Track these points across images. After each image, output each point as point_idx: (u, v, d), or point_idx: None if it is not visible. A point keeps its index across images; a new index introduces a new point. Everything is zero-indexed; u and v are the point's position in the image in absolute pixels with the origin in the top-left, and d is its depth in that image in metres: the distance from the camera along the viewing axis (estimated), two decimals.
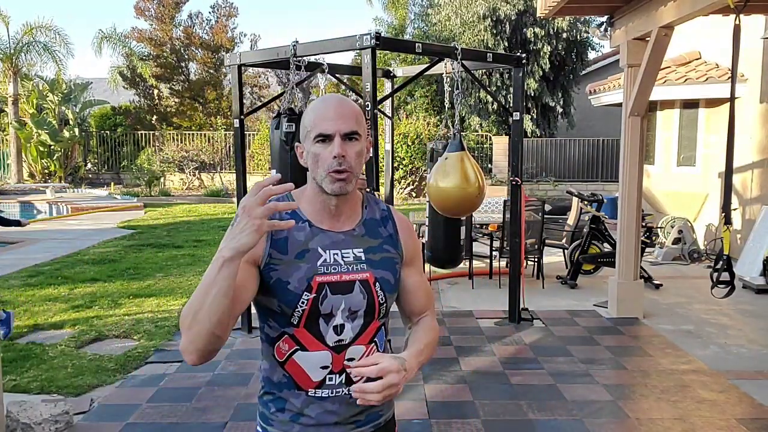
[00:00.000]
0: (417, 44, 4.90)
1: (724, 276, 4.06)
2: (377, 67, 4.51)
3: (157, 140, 20.52)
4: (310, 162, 1.52)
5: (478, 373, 4.55)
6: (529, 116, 17.21)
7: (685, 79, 9.04)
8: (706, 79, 8.87)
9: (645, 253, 7.58)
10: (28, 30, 19.15)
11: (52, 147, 19.51)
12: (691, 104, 9.45)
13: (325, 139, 1.49)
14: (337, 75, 6.38)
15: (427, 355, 1.59)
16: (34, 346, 5.14)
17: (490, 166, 17.16)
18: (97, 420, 3.83)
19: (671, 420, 3.80)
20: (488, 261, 7.43)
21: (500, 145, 16.84)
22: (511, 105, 5.91)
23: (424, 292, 1.70)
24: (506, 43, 16.66)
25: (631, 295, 5.97)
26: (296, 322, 1.50)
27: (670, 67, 9.28)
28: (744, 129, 8.32)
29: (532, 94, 16.97)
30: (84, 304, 6.38)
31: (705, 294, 6.45)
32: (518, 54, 5.68)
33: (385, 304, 1.57)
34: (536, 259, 7.37)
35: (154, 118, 22.10)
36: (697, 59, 9.59)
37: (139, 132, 20.99)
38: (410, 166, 16.81)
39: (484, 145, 17.61)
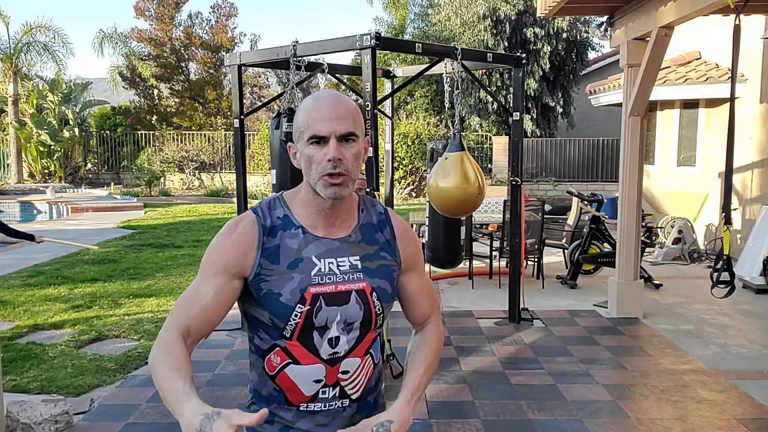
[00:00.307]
0: (417, 44, 4.90)
1: (724, 276, 4.07)
2: (377, 67, 4.51)
3: (157, 140, 20.52)
4: (304, 164, 1.43)
5: (478, 373, 4.55)
6: (529, 116, 17.21)
7: (685, 79, 9.04)
8: (706, 79, 8.87)
9: (645, 253, 7.58)
10: (27, 30, 19.14)
11: (52, 147, 19.51)
12: (691, 104, 9.45)
13: (320, 140, 1.39)
14: (337, 75, 6.38)
15: (427, 382, 1.55)
16: (34, 346, 5.14)
17: (490, 166, 17.16)
18: (97, 420, 3.83)
19: (671, 420, 3.80)
20: (488, 261, 7.43)
21: (500, 145, 16.84)
22: (511, 105, 5.91)
23: (427, 298, 1.63)
24: (506, 43, 16.66)
25: (631, 295, 5.97)
26: (289, 335, 1.42)
27: (670, 67, 9.28)
28: (744, 129, 8.31)
29: (532, 94, 16.97)
30: (84, 304, 6.38)
31: (705, 294, 6.45)
32: (518, 54, 5.68)
33: (382, 315, 1.50)
34: (536, 259, 7.37)
35: (154, 118, 22.10)
36: (697, 59, 9.59)
37: (139, 132, 20.98)
38: (410, 166, 16.81)
39: (484, 145, 17.61)
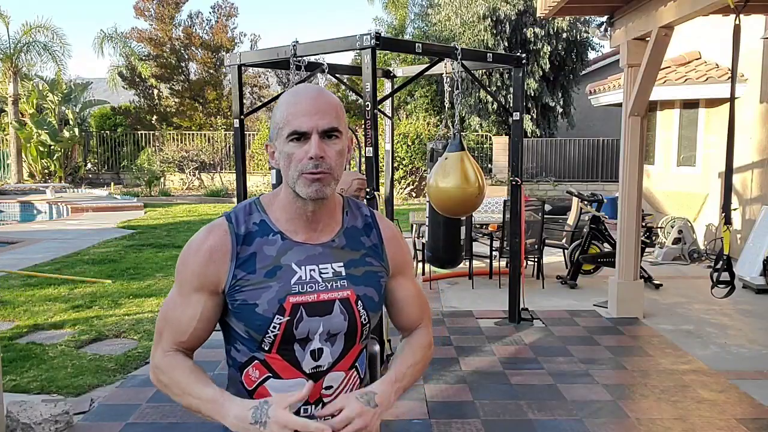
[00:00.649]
0: (417, 44, 4.90)
1: (724, 276, 4.07)
2: (377, 67, 4.51)
3: (157, 140, 20.52)
4: (283, 163, 1.33)
5: (478, 373, 4.55)
6: (529, 116, 17.21)
7: (685, 79, 9.04)
8: (706, 79, 8.87)
9: (645, 253, 7.58)
10: (27, 30, 19.15)
11: (52, 147, 19.51)
12: (691, 104, 9.45)
13: (300, 137, 1.30)
14: (337, 75, 6.38)
15: (412, 378, 1.44)
16: (34, 346, 5.14)
17: (490, 166, 17.16)
18: (97, 420, 3.83)
19: (671, 420, 3.80)
20: (488, 261, 7.43)
21: (500, 145, 16.84)
22: (511, 105, 5.91)
23: (417, 304, 1.53)
24: (506, 43, 16.66)
25: (631, 295, 5.97)
26: (267, 348, 1.33)
27: (670, 67, 9.28)
28: (744, 129, 8.31)
29: (532, 94, 16.97)
30: (84, 304, 6.38)
31: (705, 294, 6.45)
32: (518, 54, 5.68)
33: (368, 325, 1.41)
34: (536, 259, 7.37)
35: (154, 118, 22.10)
36: (697, 59, 9.59)
37: (139, 132, 20.98)
38: (410, 166, 16.81)
39: (484, 145, 17.61)
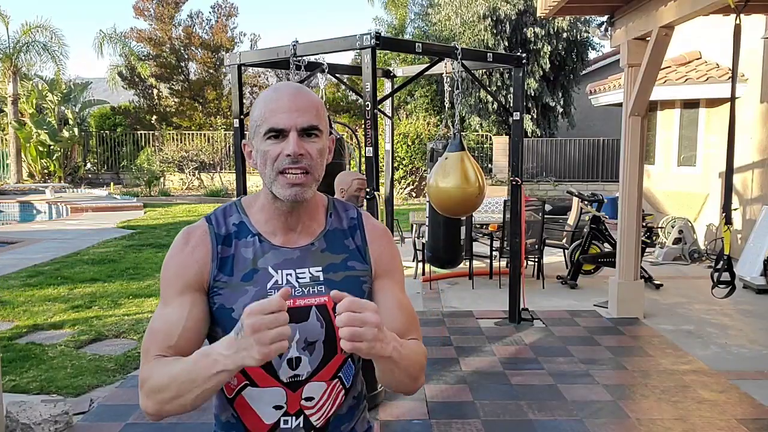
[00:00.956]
0: (417, 44, 4.90)
1: (725, 276, 4.06)
2: (377, 67, 4.50)
3: (156, 140, 20.51)
4: (259, 162, 1.27)
5: (478, 373, 4.55)
6: (529, 116, 17.20)
7: (686, 79, 9.04)
8: (707, 79, 8.86)
9: (645, 253, 7.58)
10: (27, 30, 19.15)
11: (52, 147, 19.51)
12: (692, 104, 9.45)
13: (278, 134, 1.24)
14: (337, 75, 6.38)
15: (408, 357, 1.25)
16: (34, 346, 5.14)
17: (490, 166, 17.16)
18: (96, 420, 3.82)
19: (671, 420, 3.79)
20: (488, 261, 7.42)
21: (500, 145, 16.84)
22: (511, 105, 5.90)
23: (404, 313, 1.36)
24: (506, 43, 16.66)
25: (632, 295, 5.96)
26: None
27: (670, 66, 9.28)
28: (744, 129, 8.31)
29: (532, 94, 16.97)
30: (84, 305, 6.38)
31: (705, 294, 6.45)
32: (518, 54, 5.68)
33: None
34: (536, 259, 7.37)
35: (154, 118, 22.10)
36: (697, 59, 9.59)
37: (139, 132, 20.98)
38: (410, 166, 16.81)
39: (484, 145, 17.61)
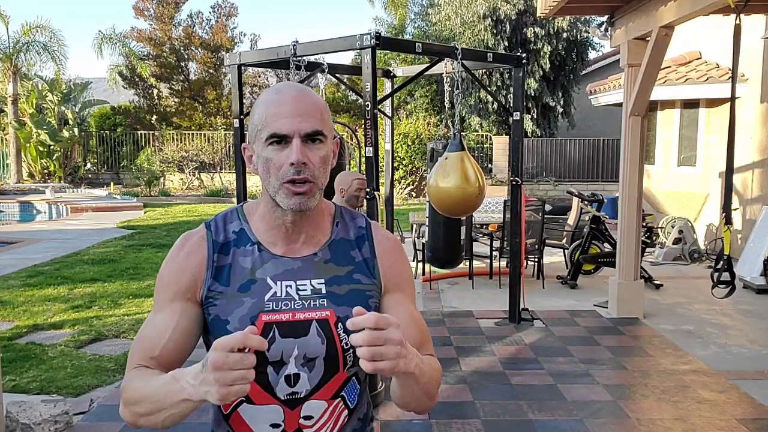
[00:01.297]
0: (417, 44, 4.89)
1: (725, 276, 4.06)
2: (377, 67, 4.50)
3: (156, 140, 20.51)
4: (261, 169, 1.21)
5: (478, 373, 4.55)
6: (529, 116, 17.21)
7: (686, 79, 9.03)
8: (707, 79, 8.86)
9: (645, 253, 7.58)
10: (27, 29, 19.15)
11: (52, 147, 19.51)
12: (692, 104, 9.45)
13: (281, 140, 1.18)
14: (337, 75, 6.38)
15: (427, 368, 1.19)
16: (34, 346, 5.14)
17: (490, 166, 17.16)
18: (96, 420, 3.82)
19: (671, 420, 3.79)
20: (488, 261, 7.42)
21: (500, 145, 16.84)
22: (511, 105, 5.90)
23: (416, 328, 1.30)
24: (506, 43, 16.66)
25: (632, 295, 5.96)
26: None
27: (670, 66, 9.28)
28: (744, 129, 8.31)
29: (533, 94, 16.97)
30: (84, 305, 6.38)
31: (705, 294, 6.45)
32: (518, 54, 5.68)
33: (351, 350, 1.22)
34: (536, 259, 7.37)
35: (154, 118, 22.10)
36: (697, 59, 9.59)
37: (139, 132, 20.98)
38: (410, 166, 16.81)
39: (484, 145, 17.61)
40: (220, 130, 20.76)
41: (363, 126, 4.49)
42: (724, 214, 3.95)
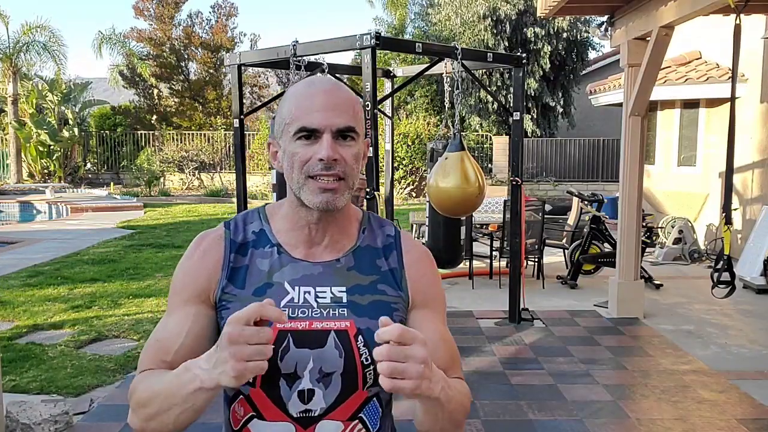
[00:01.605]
0: (417, 44, 4.90)
1: (725, 276, 4.06)
2: (377, 67, 4.50)
3: (156, 140, 20.52)
4: (286, 165, 1.15)
5: (478, 373, 4.55)
6: (530, 116, 17.21)
7: (686, 79, 9.04)
8: (707, 79, 8.86)
9: (645, 253, 7.58)
10: (27, 29, 19.15)
11: (52, 147, 19.51)
12: (692, 104, 9.45)
13: (310, 135, 1.11)
14: (337, 75, 6.38)
15: (454, 394, 1.09)
16: (34, 346, 5.13)
17: (490, 166, 17.16)
18: (96, 420, 3.82)
19: (671, 420, 3.79)
20: (488, 261, 7.42)
21: (500, 145, 16.84)
22: (511, 105, 5.90)
23: (445, 349, 1.20)
24: (506, 43, 16.66)
25: (632, 295, 5.96)
26: (251, 380, 1.11)
27: (670, 66, 9.28)
28: (744, 129, 8.31)
29: (533, 94, 16.97)
30: (84, 305, 6.37)
31: (705, 294, 6.45)
32: (518, 54, 5.68)
33: (372, 366, 1.12)
34: (536, 259, 7.36)
35: (154, 118, 22.10)
36: (697, 59, 9.59)
37: (139, 132, 20.98)
38: (410, 166, 16.81)
39: (484, 145, 17.61)
40: (220, 130, 20.76)
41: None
42: (724, 214, 3.95)
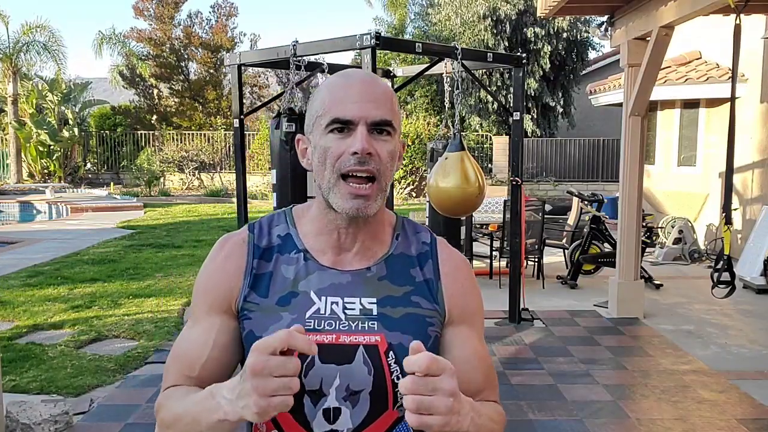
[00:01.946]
0: (417, 44, 4.89)
1: (725, 276, 4.06)
2: (377, 67, 4.50)
3: (156, 140, 20.52)
4: (316, 161, 1.06)
5: None
6: (530, 116, 17.21)
7: (686, 79, 9.04)
8: (707, 79, 8.87)
9: (645, 253, 7.58)
10: (27, 29, 19.15)
11: (52, 147, 19.51)
12: (692, 104, 9.45)
13: (343, 127, 1.03)
14: None
15: (484, 421, 1.00)
16: (34, 346, 5.13)
17: (490, 166, 17.17)
18: (96, 420, 3.82)
19: (671, 420, 3.79)
20: (488, 261, 7.42)
21: (500, 145, 16.85)
22: (511, 105, 5.90)
23: (481, 369, 1.12)
24: (506, 43, 16.67)
25: (632, 295, 5.96)
26: None
27: (670, 66, 9.28)
28: (744, 129, 8.31)
29: (533, 94, 16.98)
30: (84, 305, 6.37)
31: (705, 294, 6.45)
32: (518, 54, 5.68)
33: None
34: (536, 259, 7.36)
35: (154, 118, 22.10)
36: (697, 59, 9.59)
37: (139, 132, 20.98)
38: (410, 166, 16.81)
39: (484, 145, 17.62)
40: (220, 130, 20.76)
41: None
42: (724, 214, 3.95)
